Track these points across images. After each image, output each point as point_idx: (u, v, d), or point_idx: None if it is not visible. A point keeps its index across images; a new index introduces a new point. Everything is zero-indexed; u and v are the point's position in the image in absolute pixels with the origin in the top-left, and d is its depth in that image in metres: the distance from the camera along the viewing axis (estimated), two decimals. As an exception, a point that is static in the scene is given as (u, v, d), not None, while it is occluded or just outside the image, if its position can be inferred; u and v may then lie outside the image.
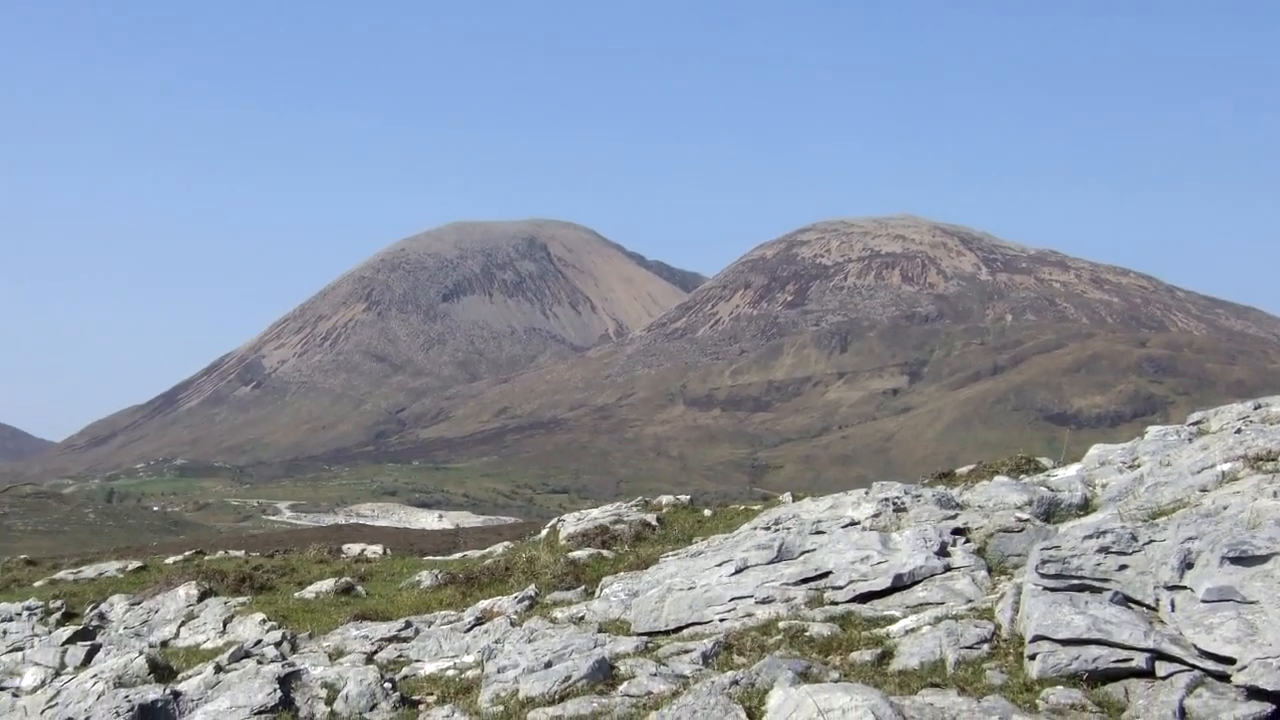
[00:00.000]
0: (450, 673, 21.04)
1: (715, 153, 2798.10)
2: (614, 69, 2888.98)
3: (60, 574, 52.85)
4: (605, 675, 17.52)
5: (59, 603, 41.32)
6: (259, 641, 26.86)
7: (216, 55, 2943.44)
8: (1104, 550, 16.10)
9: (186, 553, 57.65)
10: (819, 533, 24.35)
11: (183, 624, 34.79)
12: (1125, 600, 15.17)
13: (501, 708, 17.01)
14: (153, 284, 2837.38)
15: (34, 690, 24.30)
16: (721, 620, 20.64)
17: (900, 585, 20.22)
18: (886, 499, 26.57)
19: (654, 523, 37.56)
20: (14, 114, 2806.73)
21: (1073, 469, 27.70)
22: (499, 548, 43.00)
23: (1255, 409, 27.23)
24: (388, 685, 19.31)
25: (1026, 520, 22.46)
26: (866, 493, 28.45)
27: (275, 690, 19.00)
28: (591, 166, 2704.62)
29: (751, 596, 21.19)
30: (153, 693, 20.78)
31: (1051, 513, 23.47)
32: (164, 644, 31.84)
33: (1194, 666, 13.85)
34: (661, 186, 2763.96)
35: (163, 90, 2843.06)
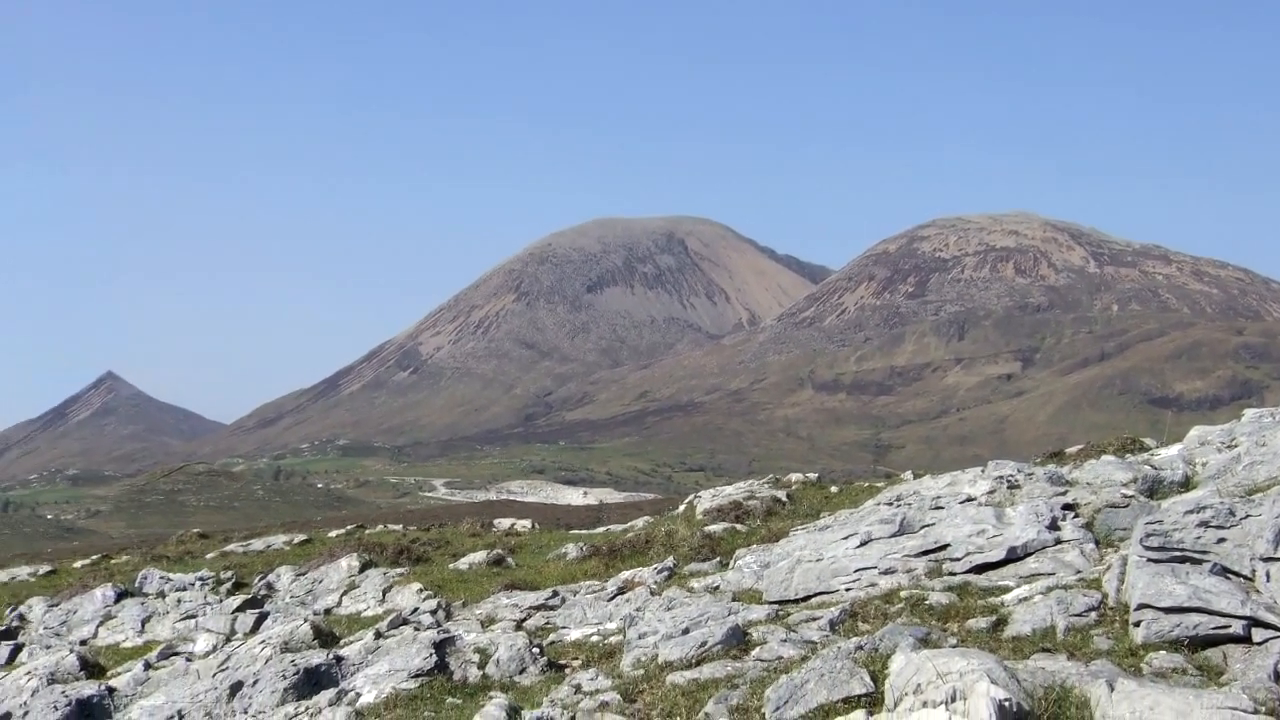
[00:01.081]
0: (594, 639, 21.12)
1: (843, 153, 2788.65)
2: (749, 76, 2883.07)
3: (230, 546, 53.21)
4: (739, 641, 17.56)
5: (229, 573, 41.68)
6: (416, 609, 26.99)
7: (381, 63, 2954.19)
8: (1204, 524, 16.03)
9: (348, 527, 57.97)
10: (938, 508, 24.29)
11: (345, 593, 34.97)
12: (1223, 571, 15.11)
13: (642, 671, 17.06)
14: (318, 276, 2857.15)
15: (206, 655, 24.55)
16: (847, 590, 20.64)
17: (1013, 557, 20.18)
18: (1001, 477, 26.48)
19: (784, 499, 37.48)
20: (202, 124, 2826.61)
21: (1174, 449, 27.43)
22: (639, 522, 42.97)
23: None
24: (536, 650, 19.41)
25: (1131, 496, 22.31)
26: (982, 471, 28.34)
27: (431, 655, 19.13)
28: (727, 166, 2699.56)
29: (875, 568, 21.19)
30: (317, 657, 21.00)
31: (1154, 489, 23.31)
32: (327, 612, 32.00)
33: (1288, 634, 13.79)
34: (792, 185, 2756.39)
35: (334, 96, 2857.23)
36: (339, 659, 20.91)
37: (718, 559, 28.58)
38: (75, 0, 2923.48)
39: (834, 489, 39.91)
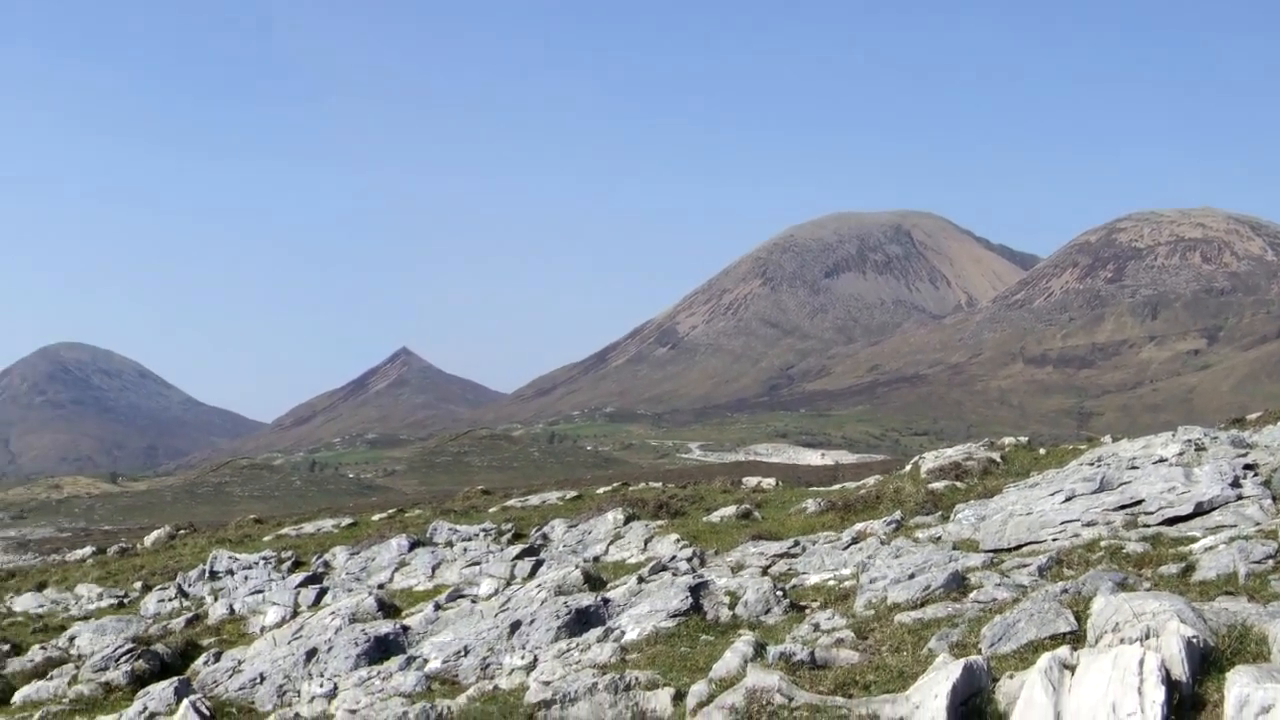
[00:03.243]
0: (830, 583, 21.11)
1: (1050, 154, 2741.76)
2: (967, 85, 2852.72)
3: (510, 502, 53.67)
4: (958, 585, 17.52)
5: (509, 525, 42.11)
6: (674, 557, 27.08)
7: (642, 73, 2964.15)
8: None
9: (614, 484, 58.27)
10: (1133, 468, 24.04)
11: (611, 543, 35.17)
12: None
13: (873, 611, 17.06)
14: (587, 262, 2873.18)
15: (489, 597, 24.77)
16: (1054, 540, 20.51)
17: (1200, 511, 19.98)
18: (1189, 440, 26.14)
19: (998, 460, 37.16)
20: (484, 130, 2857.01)
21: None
22: (871, 480, 42.78)
23: None
24: (779, 593, 19.44)
25: (1306, 457, 22.00)
26: (1173, 435, 28.00)
27: (687, 597, 19.22)
28: (949, 165, 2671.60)
29: (1078, 520, 21.03)
30: (587, 599, 21.19)
31: (1328, 451, 22.93)
32: (596, 560, 32.13)
33: None
34: (1006, 182, 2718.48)
35: (603, 106, 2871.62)
36: (606, 601, 21.05)
37: (940, 512, 28.45)
38: (372, 20, 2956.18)
39: (1042, 451, 39.46)
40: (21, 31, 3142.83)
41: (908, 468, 40.80)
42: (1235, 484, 20.75)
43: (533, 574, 29.66)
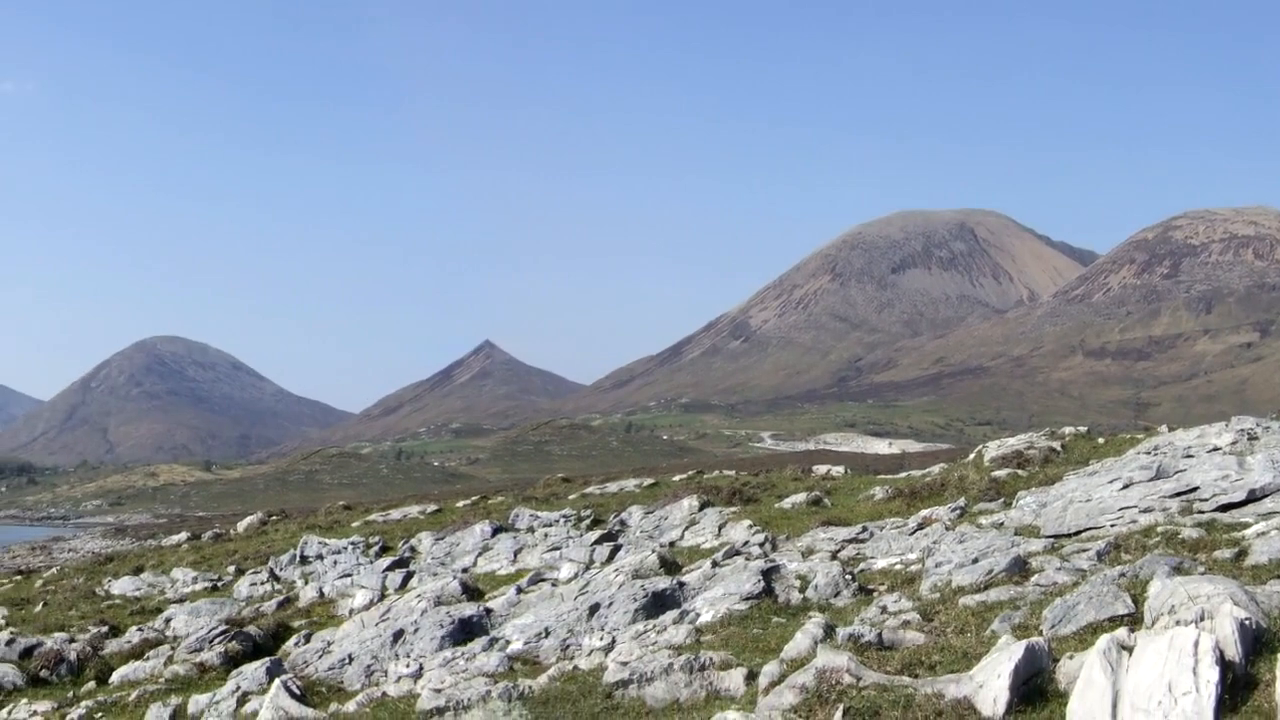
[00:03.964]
0: (897, 567, 21.08)
1: (1108, 155, 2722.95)
2: (1026, 90, 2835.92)
3: (589, 489, 53.72)
4: (1020, 569, 17.45)
5: (588, 512, 42.20)
6: (746, 542, 27.07)
7: (716, 78, 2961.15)
8: None
9: (689, 472, 58.25)
10: (1189, 456, 23.90)
11: (686, 528, 35.13)
12: None
13: (938, 594, 17.02)
14: (663, 258, 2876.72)
15: (569, 581, 24.80)
16: (1112, 525, 20.42)
17: (1253, 498, 19.85)
18: (1242, 430, 25.97)
19: (1058, 448, 37.01)
20: (563, 130, 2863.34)
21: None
22: (936, 468, 42.63)
23: None
24: (848, 577, 19.43)
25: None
26: (1226, 425, 27.81)
27: (759, 580, 19.21)
28: (1011, 165, 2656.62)
29: (1135, 507, 20.93)
30: (663, 582, 21.20)
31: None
32: (671, 544, 32.10)
33: None
34: (1066, 181, 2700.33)
35: (675, 108, 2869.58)
36: (681, 584, 21.05)
37: (1002, 499, 28.39)
38: (457, 25, 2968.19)
39: (1100, 440, 39.28)
40: (124, 40, 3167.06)
41: (971, 456, 40.71)
42: (1287, 472, 20.65)
43: (611, 558, 29.65)
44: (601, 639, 18.48)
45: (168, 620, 31.58)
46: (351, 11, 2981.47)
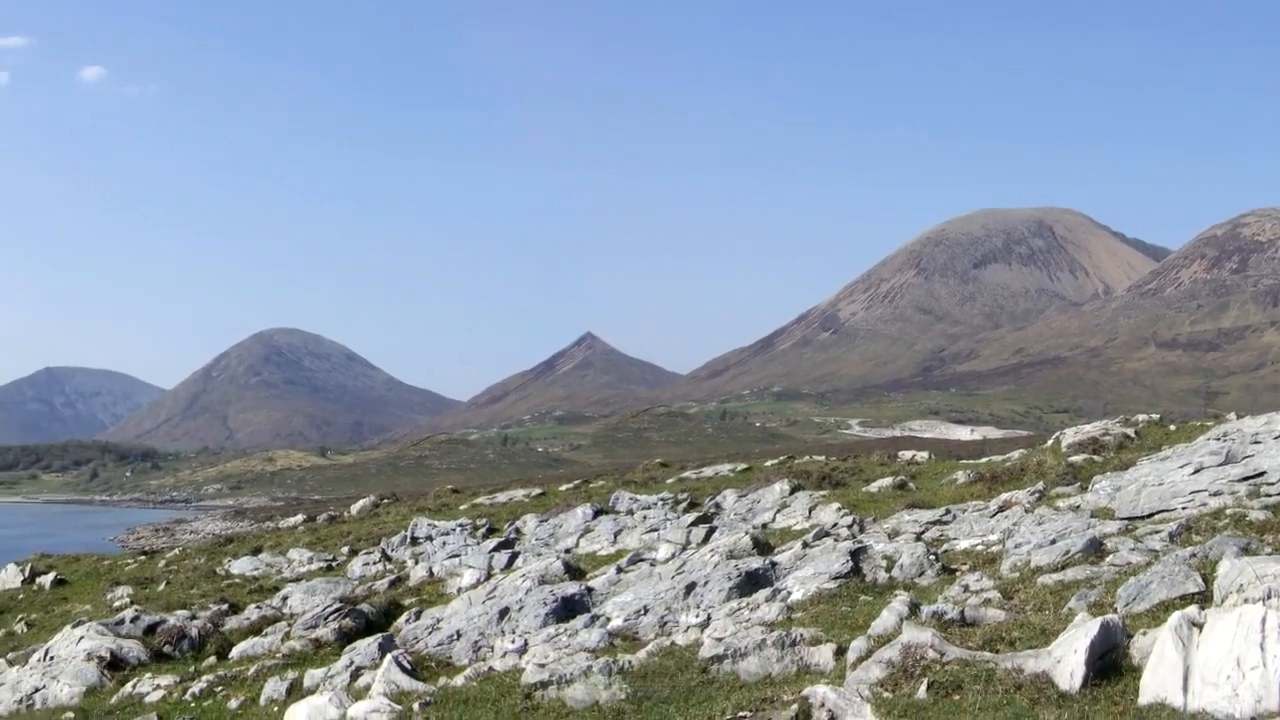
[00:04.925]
0: (979, 548, 20.98)
1: (1181, 153, 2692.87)
2: (1106, 91, 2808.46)
3: (685, 474, 53.43)
4: (1095, 549, 17.35)
5: (684, 495, 42.07)
6: (835, 524, 27.00)
7: (798, 82, 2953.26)
8: None
9: (781, 457, 57.98)
10: (1256, 442, 23.63)
11: (778, 511, 35.01)
12: None
13: (1017, 574, 16.95)
14: (756, 253, 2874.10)
15: (666, 561, 24.76)
16: (1183, 508, 20.22)
17: (1320, 482, 19.65)
18: (1311, 416, 25.67)
19: (1132, 435, 36.66)
20: (663, 132, 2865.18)
21: None
22: (1015, 454, 42.29)
23: None
24: (932, 557, 19.36)
25: None
26: (1294, 412, 27.52)
27: (848, 560, 19.18)
28: (1087, 164, 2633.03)
29: (1205, 490, 20.72)
30: (755, 562, 21.17)
31: None
32: (763, 527, 31.94)
33: None
34: (1140, 179, 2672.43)
35: (767, 111, 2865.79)
36: (774, 564, 21.02)
37: (1078, 483, 28.16)
38: (559, 30, 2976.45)
39: (1172, 427, 38.88)
40: (241, 45, 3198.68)
41: (1049, 442, 40.38)
42: (1353, 455, 20.40)
43: (706, 540, 29.54)
44: (697, 616, 18.48)
45: (285, 598, 31.70)
46: (466, 26, 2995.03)
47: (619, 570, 24.46)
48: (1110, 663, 11.35)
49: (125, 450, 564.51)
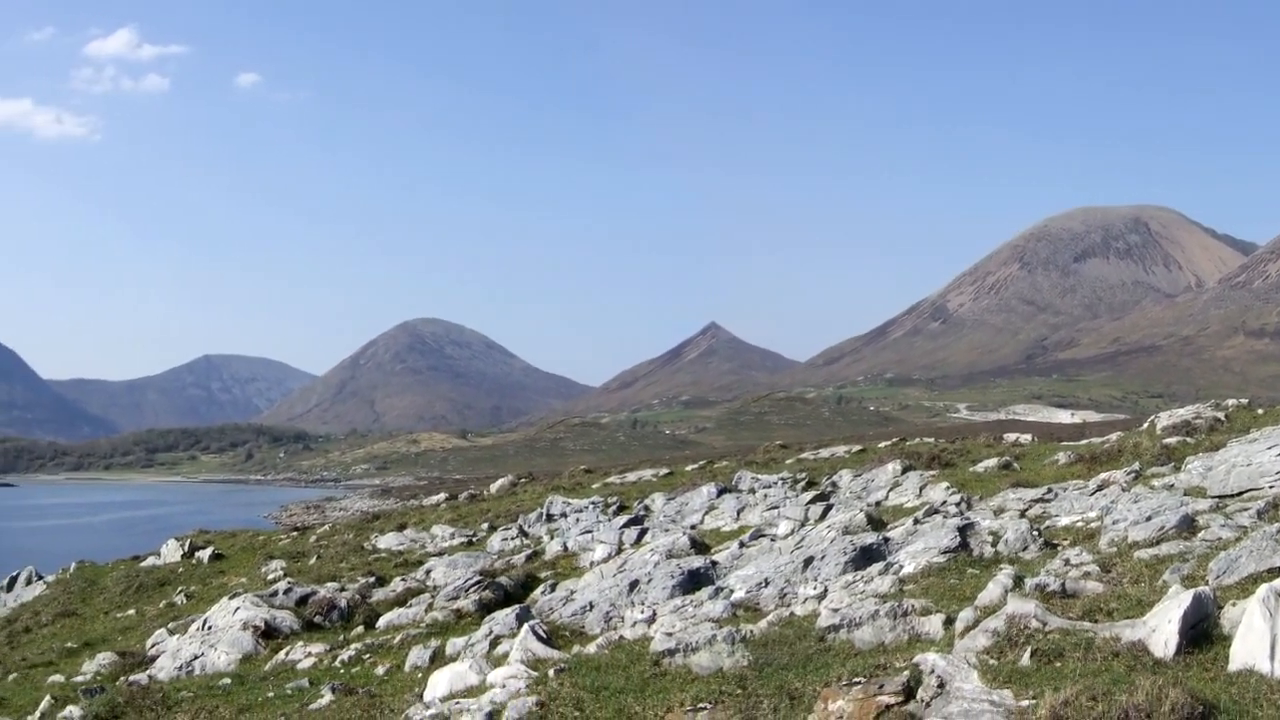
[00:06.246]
0: (1079, 524, 20.75)
1: (1270, 155, 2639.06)
2: (1198, 94, 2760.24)
3: (803, 455, 53.02)
4: (1188, 526, 17.13)
5: (803, 474, 41.77)
6: (944, 502, 26.80)
7: (911, 87, 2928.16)
8: None
9: (893, 439, 57.67)
10: (1344, 425, 23.25)
11: (890, 490, 34.80)
12: None
13: (1115, 549, 16.76)
14: (870, 247, 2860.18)
15: (786, 536, 24.66)
16: (1270, 487, 19.88)
17: (1404, 461, 19.27)
18: (1397, 401, 25.16)
19: (1223, 418, 36.08)
20: (786, 135, 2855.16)
21: None
22: (1113, 436, 41.70)
23: None
24: (1035, 533, 19.17)
25: None
26: (1381, 397, 26.97)
27: (956, 536, 19.05)
28: (1181, 165, 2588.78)
29: (1293, 470, 20.44)
30: (869, 538, 21.05)
31: None
32: (877, 504, 31.75)
33: None
34: (1231, 178, 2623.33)
35: (881, 114, 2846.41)
36: (886, 539, 20.91)
37: (1172, 464, 27.78)
38: (685, 39, 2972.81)
39: (1260, 411, 38.21)
40: (384, 51, 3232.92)
41: (1145, 425, 39.83)
42: None
43: (823, 516, 29.39)
44: (815, 588, 18.43)
45: (428, 571, 31.88)
46: (595, 29, 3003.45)
47: (741, 545, 24.46)
48: (1202, 632, 11.26)
49: (278, 433, 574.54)
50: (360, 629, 25.49)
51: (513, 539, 38.57)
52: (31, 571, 51.93)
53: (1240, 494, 20.19)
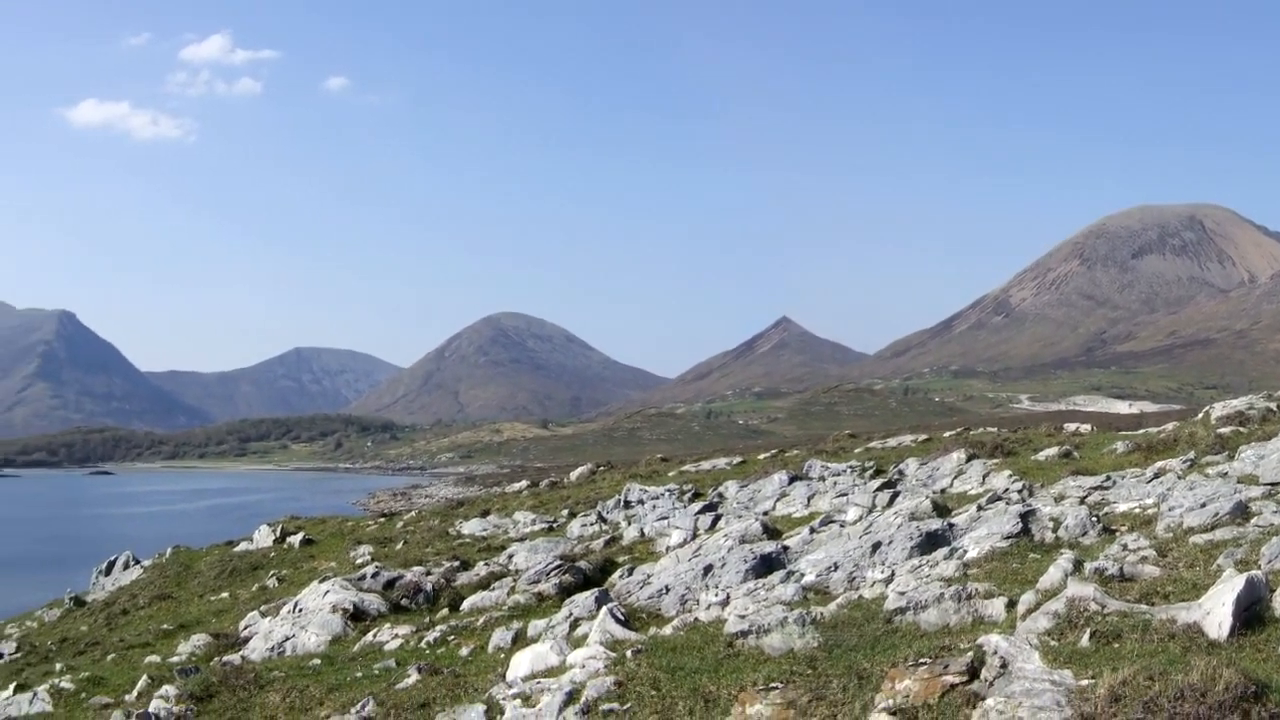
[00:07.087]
0: (1136, 511, 20.55)
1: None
2: (1253, 96, 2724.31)
3: (872, 444, 52.73)
4: (1241, 512, 16.95)
5: (870, 463, 41.36)
6: (1006, 490, 26.59)
7: (978, 88, 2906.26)
8: None
9: (958, 429, 57.31)
10: (1394, 416, 22.91)
11: (955, 477, 34.53)
12: None
13: (1171, 534, 16.62)
14: (939, 242, 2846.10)
15: (854, 522, 24.57)
16: (1323, 474, 19.71)
17: None
18: None
19: (1275, 408, 35.56)
20: (858, 137, 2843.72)
21: None
22: (1169, 425, 41.22)
23: None
24: (1094, 519, 19.02)
25: None
26: None
27: (1018, 522, 18.92)
28: (1235, 165, 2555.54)
29: (1345, 458, 20.17)
30: (934, 523, 20.93)
31: None
32: (942, 491, 31.54)
33: None
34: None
35: (948, 115, 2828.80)
36: (951, 525, 20.79)
37: (1226, 452, 27.43)
38: (759, 43, 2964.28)
39: (1313, 401, 37.73)
40: (470, 55, 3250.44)
41: (1200, 415, 39.37)
42: None
43: (891, 503, 29.17)
44: (882, 572, 18.38)
45: (510, 556, 31.78)
46: (676, 32, 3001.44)
47: (811, 531, 24.38)
48: (1255, 614, 11.17)
49: (366, 423, 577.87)
50: (445, 611, 25.45)
51: (591, 525, 38.50)
52: (129, 556, 52.25)
53: (1292, 481, 19.95)
